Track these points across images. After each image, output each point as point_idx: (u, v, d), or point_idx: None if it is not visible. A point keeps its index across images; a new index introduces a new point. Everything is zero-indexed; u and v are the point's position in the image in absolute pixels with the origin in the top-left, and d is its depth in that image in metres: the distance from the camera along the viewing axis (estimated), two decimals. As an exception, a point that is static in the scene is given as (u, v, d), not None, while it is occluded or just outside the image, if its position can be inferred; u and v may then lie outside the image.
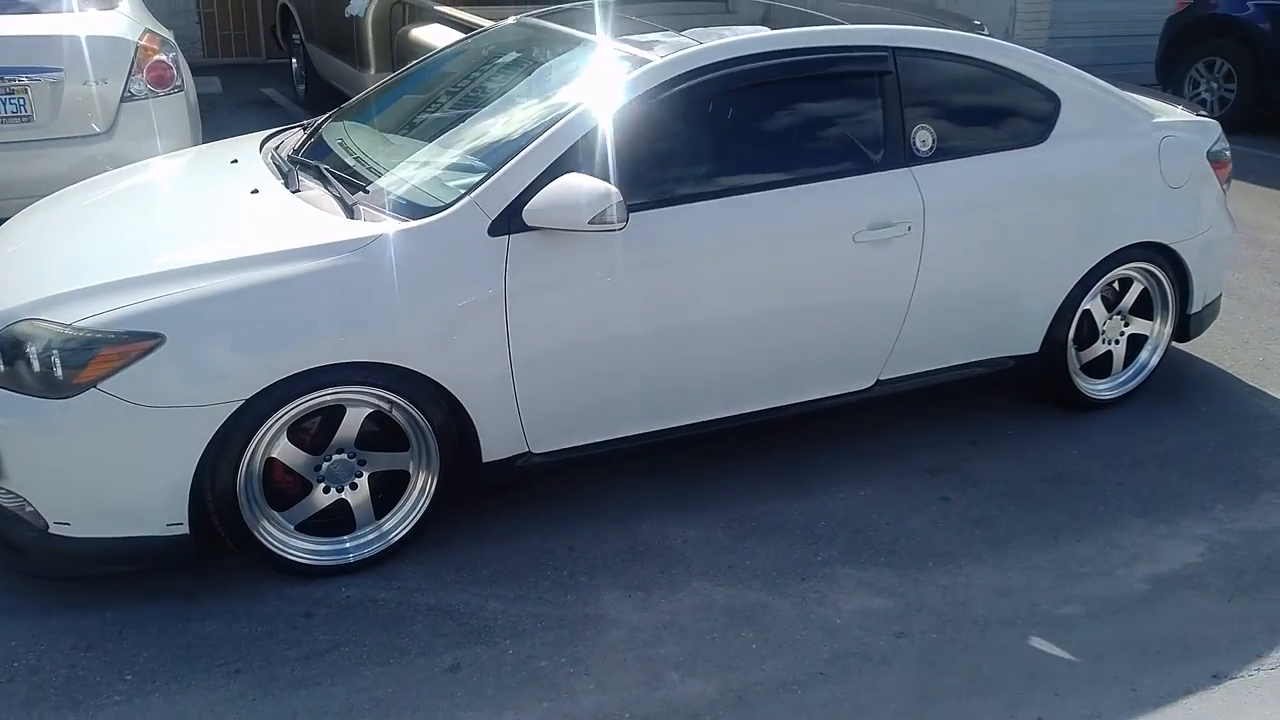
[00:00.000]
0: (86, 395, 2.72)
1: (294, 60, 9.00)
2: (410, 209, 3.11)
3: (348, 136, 3.75)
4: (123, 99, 5.19)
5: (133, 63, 5.20)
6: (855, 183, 3.49)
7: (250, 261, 2.90)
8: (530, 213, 3.00)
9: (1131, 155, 3.99)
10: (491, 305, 3.01)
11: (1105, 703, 2.72)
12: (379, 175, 3.36)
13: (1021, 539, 3.41)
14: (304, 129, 4.00)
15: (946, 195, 3.59)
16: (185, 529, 2.86)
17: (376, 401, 2.98)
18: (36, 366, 2.75)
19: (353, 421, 2.98)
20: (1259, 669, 2.88)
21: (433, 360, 2.97)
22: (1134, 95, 4.30)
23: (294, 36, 8.80)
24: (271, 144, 3.86)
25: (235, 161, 3.67)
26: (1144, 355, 4.26)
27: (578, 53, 3.58)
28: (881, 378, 3.74)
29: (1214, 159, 4.22)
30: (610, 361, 3.23)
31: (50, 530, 2.83)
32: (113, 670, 2.72)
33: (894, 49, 3.57)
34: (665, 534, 3.36)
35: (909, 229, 3.51)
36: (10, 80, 4.99)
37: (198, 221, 3.28)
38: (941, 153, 3.61)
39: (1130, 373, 4.24)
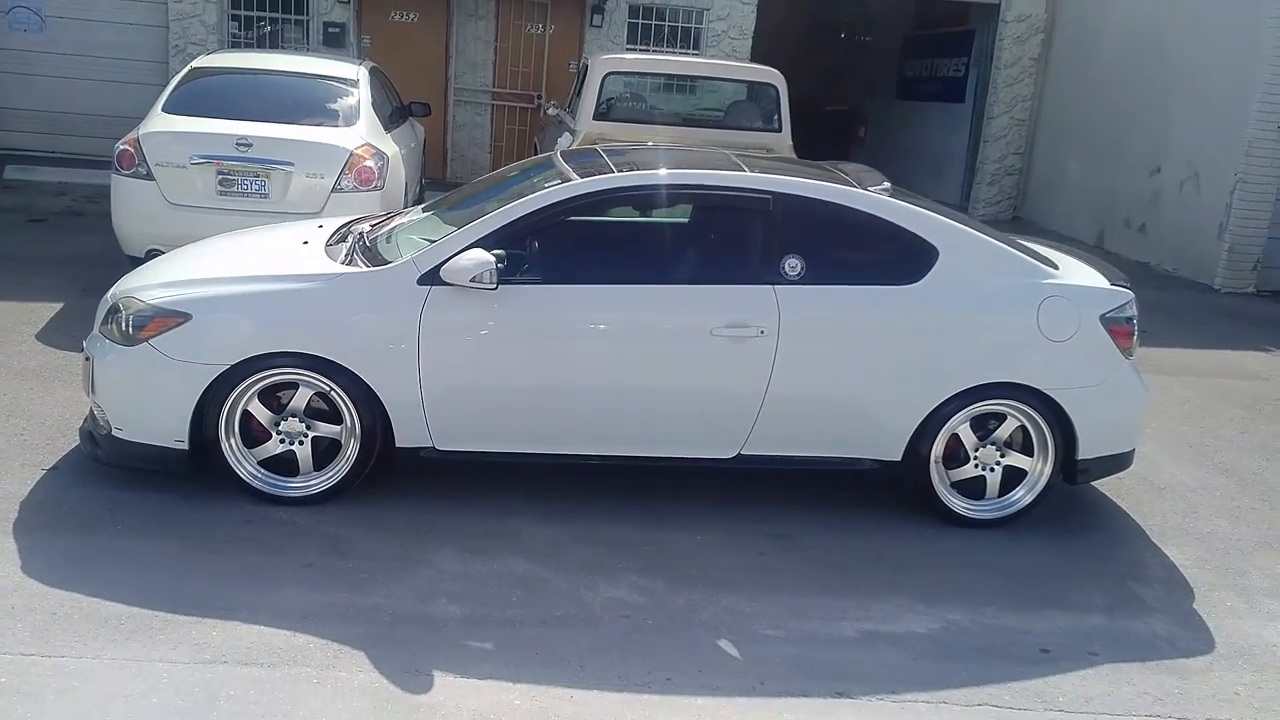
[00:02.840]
0: (141, 347, 4.28)
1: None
2: (379, 262, 4.49)
3: (406, 218, 5.21)
4: (333, 190, 7.04)
5: (344, 165, 7.06)
6: (721, 289, 4.49)
7: (259, 279, 4.40)
8: (444, 271, 4.29)
9: (1005, 306, 4.65)
10: (409, 333, 4.30)
11: (722, 683, 3.51)
12: (388, 241, 4.78)
13: (791, 586, 4.17)
14: (388, 214, 5.52)
15: (804, 311, 4.47)
16: (186, 446, 4.32)
17: (318, 384, 4.33)
18: (122, 325, 4.35)
19: (302, 396, 4.35)
20: (884, 698, 3.52)
21: (359, 363, 4.29)
22: (1052, 258, 4.96)
23: (544, 167, 10.71)
24: (357, 221, 5.40)
25: (321, 227, 5.24)
26: (1019, 490, 4.79)
27: (545, 175, 4.85)
28: (743, 453, 4.62)
29: (1110, 324, 4.74)
30: (495, 398, 4.41)
31: (112, 433, 4.38)
32: (114, 522, 4.20)
33: (774, 193, 4.57)
34: (523, 529, 4.43)
35: (761, 332, 4.44)
36: (258, 167, 6.98)
37: (257, 254, 4.84)
38: (808, 278, 4.51)
39: (1001, 502, 4.78)
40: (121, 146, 7.04)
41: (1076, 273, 4.96)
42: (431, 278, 4.32)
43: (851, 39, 18.70)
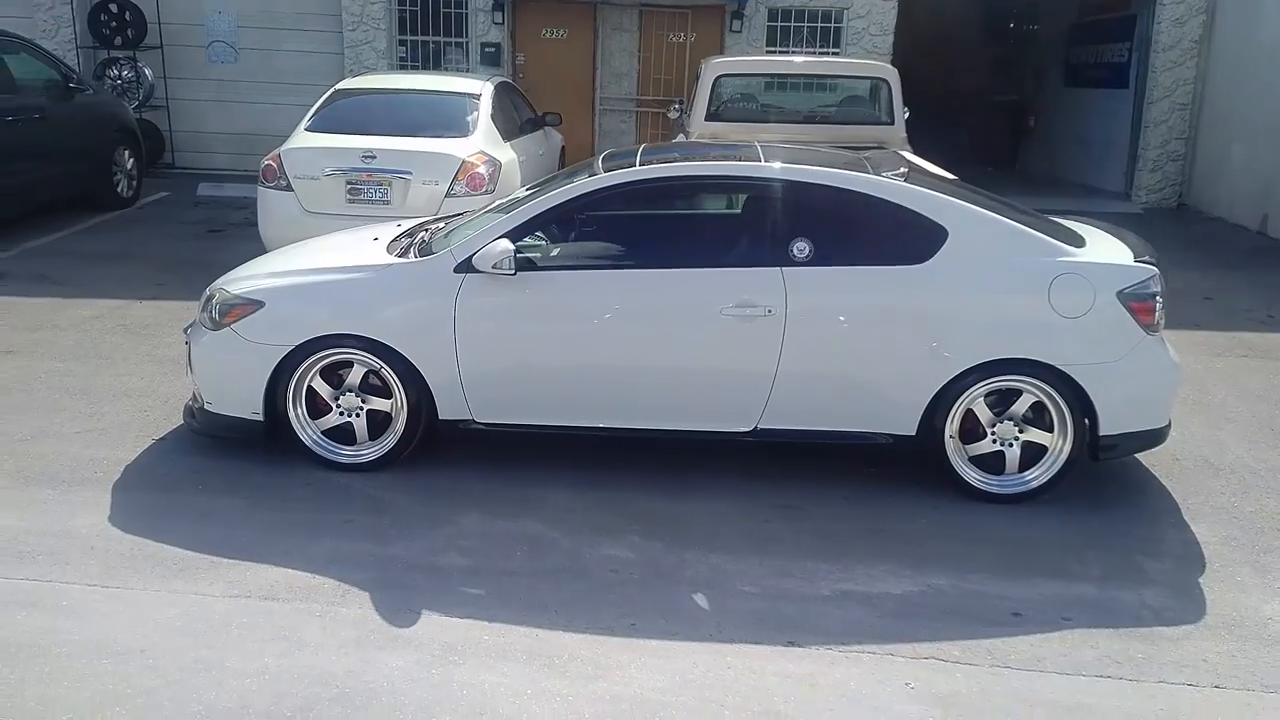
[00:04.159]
0: (225, 331, 4.96)
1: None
2: (427, 253, 5.02)
3: (471, 217, 5.72)
4: (446, 195, 7.69)
5: (456, 172, 7.70)
6: (730, 272, 4.78)
7: (321, 271, 5.01)
8: (476, 259, 4.77)
9: (1015, 284, 4.72)
10: (447, 316, 4.80)
11: (681, 629, 3.81)
12: (445, 237, 5.29)
13: (785, 551, 4.40)
14: (461, 213, 6.06)
15: (811, 291, 4.70)
16: (261, 418, 4.97)
17: (370, 362, 4.89)
18: (212, 312, 5.05)
19: (357, 373, 4.92)
20: (833, 648, 3.74)
21: (404, 343, 4.82)
22: (1081, 235, 5.00)
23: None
24: (434, 220, 5.96)
25: (399, 225, 5.83)
26: (1037, 466, 4.85)
27: (582, 171, 5.25)
28: (760, 426, 4.88)
29: (1129, 300, 4.73)
30: (523, 375, 4.85)
31: (204, 406, 5.09)
32: (197, 484, 4.88)
33: (785, 180, 4.82)
34: (548, 496, 4.84)
35: (769, 311, 4.69)
36: (382, 176, 7.71)
37: (331, 251, 5.44)
38: (817, 260, 4.74)
39: (1020, 477, 4.84)
40: (266, 162, 7.92)
41: (1100, 250, 4.96)
42: (466, 266, 4.80)
43: (1020, 28, 18.24)
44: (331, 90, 8.90)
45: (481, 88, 8.86)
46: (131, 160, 11.20)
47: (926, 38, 17.85)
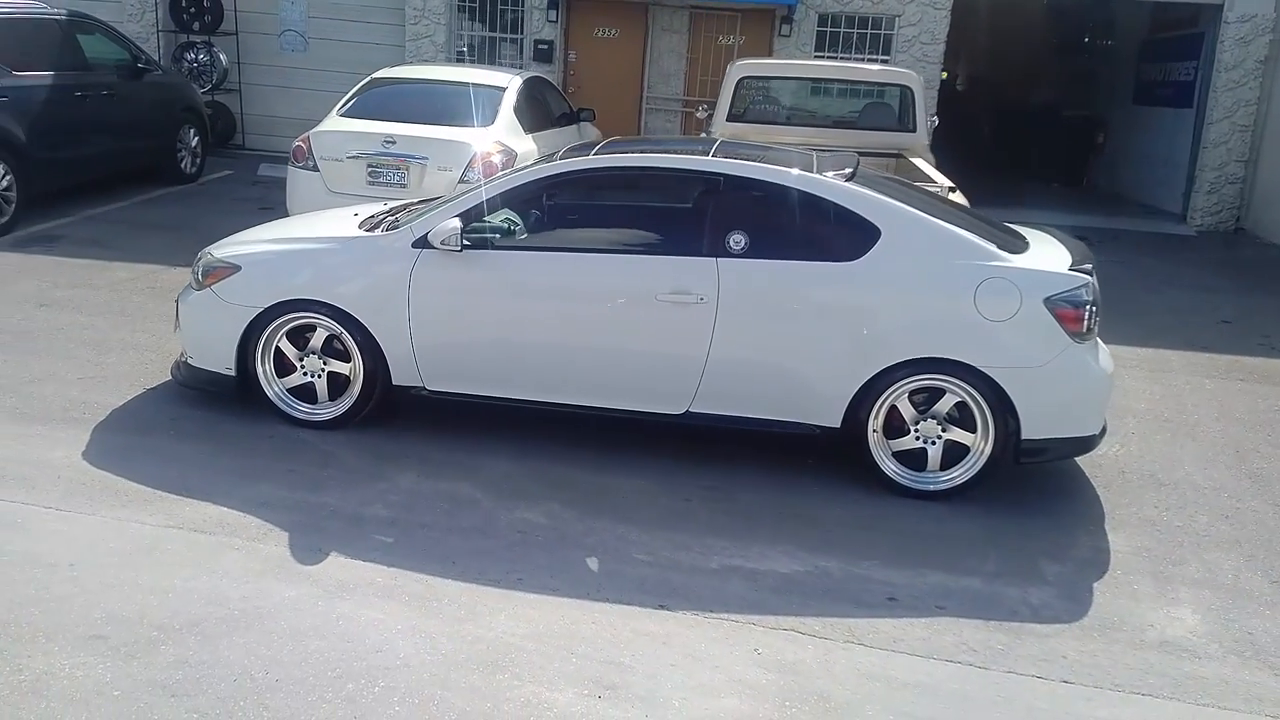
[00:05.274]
0: (205, 291, 5.37)
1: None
2: (391, 228, 5.35)
3: (450, 196, 6.05)
4: (460, 181, 8.04)
5: (470, 160, 8.05)
6: (668, 260, 5.01)
7: (295, 240, 5.39)
8: (431, 236, 5.09)
9: (942, 285, 4.85)
10: (401, 288, 5.13)
11: (563, 587, 4.06)
12: (419, 216, 5.62)
13: (691, 528, 4.61)
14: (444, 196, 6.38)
15: (743, 281, 4.91)
16: (233, 373, 5.36)
17: (331, 328, 5.24)
18: (197, 274, 5.46)
19: (319, 337, 5.28)
20: (699, 614, 3.95)
21: (362, 311, 5.16)
22: (1026, 240, 5.13)
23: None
24: (424, 200, 6.31)
25: (385, 203, 6.19)
26: (957, 467, 4.97)
27: (543, 160, 5.54)
28: (691, 410, 5.10)
29: (1055, 306, 4.83)
30: (468, 347, 5.14)
31: (187, 360, 5.50)
32: (172, 429, 5.28)
33: (724, 174, 5.04)
34: (486, 463, 5.12)
35: (701, 299, 4.92)
36: (400, 160, 8.10)
37: (312, 225, 5.81)
38: (752, 252, 4.94)
39: (939, 475, 4.98)
40: (296, 143, 8.38)
41: (1036, 256, 5.05)
42: (422, 243, 5.12)
43: (1094, 43, 18.00)
44: (368, 79, 9.33)
45: (509, 81, 9.20)
46: (196, 139, 11.83)
47: (996, 50, 17.75)
